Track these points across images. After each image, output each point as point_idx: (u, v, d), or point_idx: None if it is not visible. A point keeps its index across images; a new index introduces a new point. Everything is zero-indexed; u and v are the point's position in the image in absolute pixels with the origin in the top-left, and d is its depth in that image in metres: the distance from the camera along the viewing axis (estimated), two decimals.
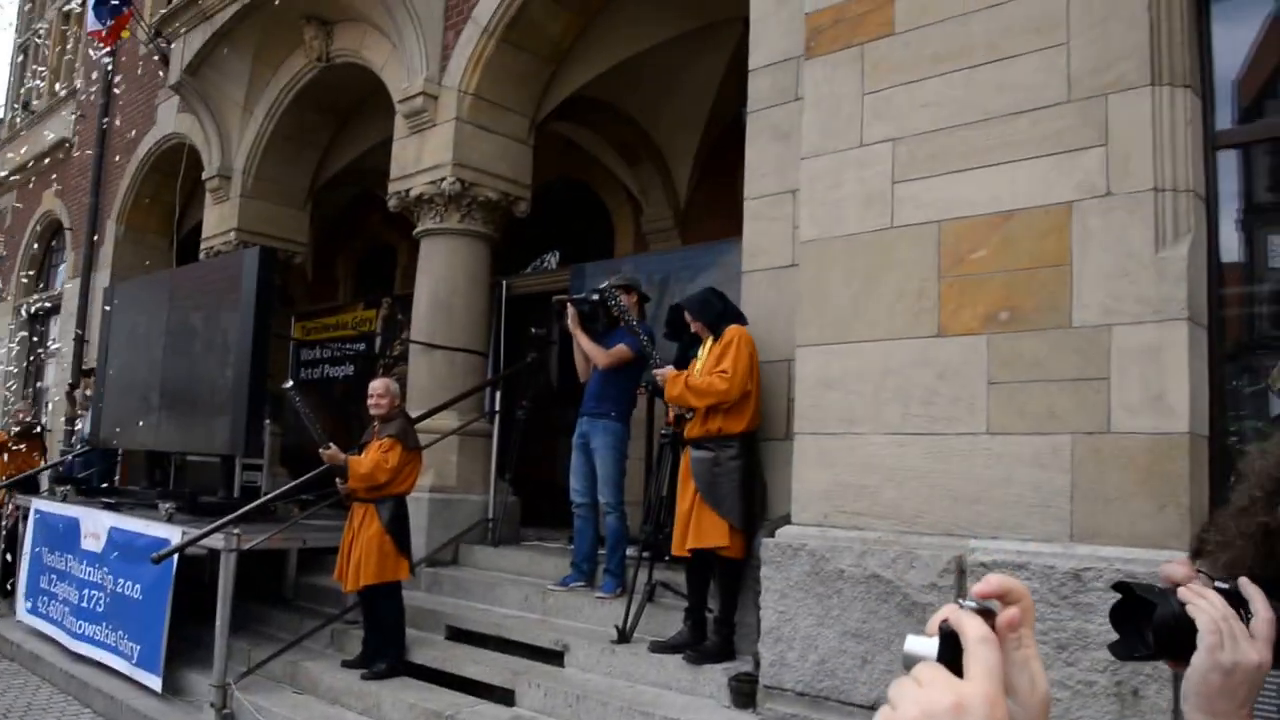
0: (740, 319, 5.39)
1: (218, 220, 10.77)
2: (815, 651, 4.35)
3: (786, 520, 4.73)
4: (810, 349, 4.70)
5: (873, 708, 4.10)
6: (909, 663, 0.88)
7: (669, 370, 5.44)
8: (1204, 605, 1.12)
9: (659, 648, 5.33)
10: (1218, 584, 1.15)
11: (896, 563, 4.13)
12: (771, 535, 4.68)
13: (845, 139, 4.65)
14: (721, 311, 5.45)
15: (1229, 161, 3.99)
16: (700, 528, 5.14)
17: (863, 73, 4.64)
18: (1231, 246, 3.96)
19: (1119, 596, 1.18)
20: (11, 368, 15.88)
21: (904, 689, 0.83)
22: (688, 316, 5.57)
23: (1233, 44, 4.02)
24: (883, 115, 4.54)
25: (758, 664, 4.68)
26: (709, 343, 5.42)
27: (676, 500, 5.46)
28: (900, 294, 4.39)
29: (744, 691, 4.75)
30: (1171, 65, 3.79)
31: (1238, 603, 1.14)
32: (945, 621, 0.88)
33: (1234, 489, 1.24)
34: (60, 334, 14.67)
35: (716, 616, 5.26)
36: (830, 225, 4.67)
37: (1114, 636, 1.20)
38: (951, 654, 0.86)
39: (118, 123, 13.60)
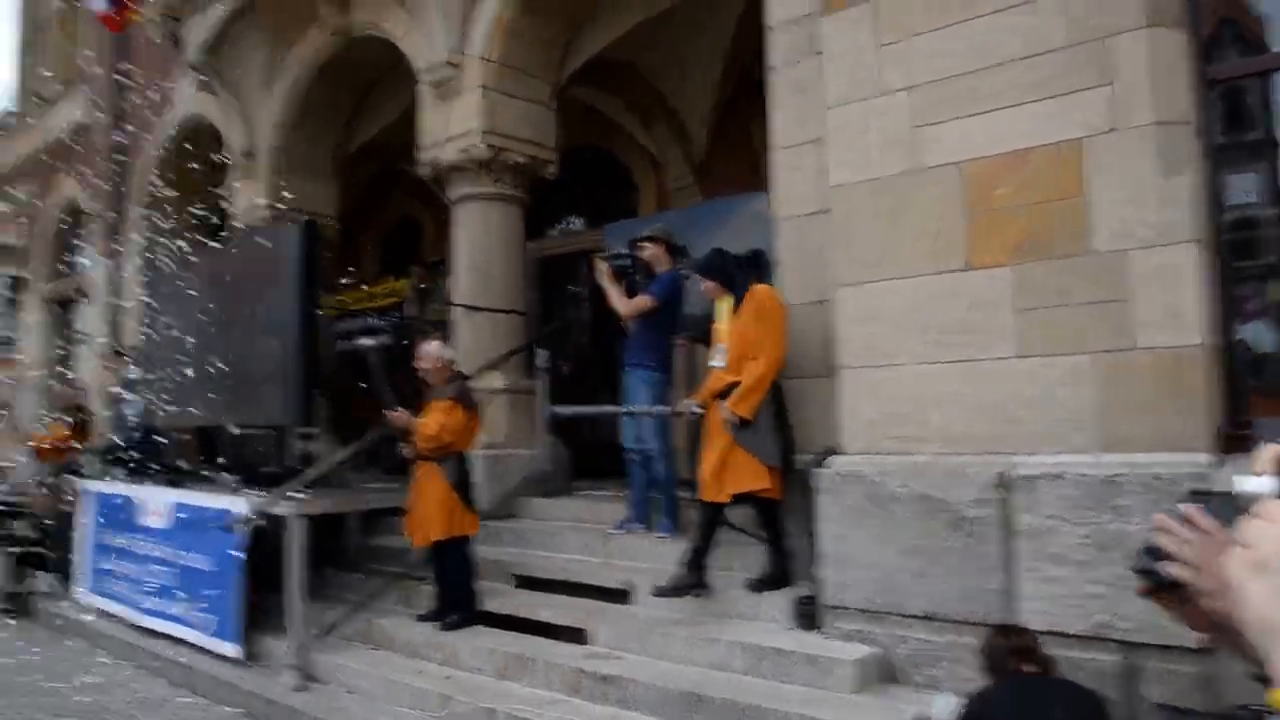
0: (755, 273, 5.66)
1: (245, 197, 11.02)
2: (874, 570, 4.81)
3: (832, 452, 5.16)
4: (848, 288, 5.12)
5: (928, 618, 4.60)
6: (1243, 502, 0.90)
7: (724, 411, 5.48)
8: None
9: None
10: None
11: (944, 482, 4.58)
12: (821, 466, 5.12)
13: (866, 88, 5.03)
14: (726, 268, 5.73)
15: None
16: (737, 474, 5.45)
17: (876, 26, 5.01)
18: (1235, 173, 4.37)
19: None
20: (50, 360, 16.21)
21: (1259, 528, 0.85)
22: (700, 278, 5.85)
23: None
24: (899, 65, 4.91)
25: (816, 587, 5.13)
26: (728, 303, 5.70)
27: (702, 452, 5.71)
28: (926, 232, 4.79)
29: (806, 613, 5.19)
30: (1166, 7, 4.16)
31: None
32: None
33: None
34: (90, 320, 14.83)
35: (770, 549, 5.62)
36: (858, 170, 5.06)
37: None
38: None
39: (135, 105, 13.76)
